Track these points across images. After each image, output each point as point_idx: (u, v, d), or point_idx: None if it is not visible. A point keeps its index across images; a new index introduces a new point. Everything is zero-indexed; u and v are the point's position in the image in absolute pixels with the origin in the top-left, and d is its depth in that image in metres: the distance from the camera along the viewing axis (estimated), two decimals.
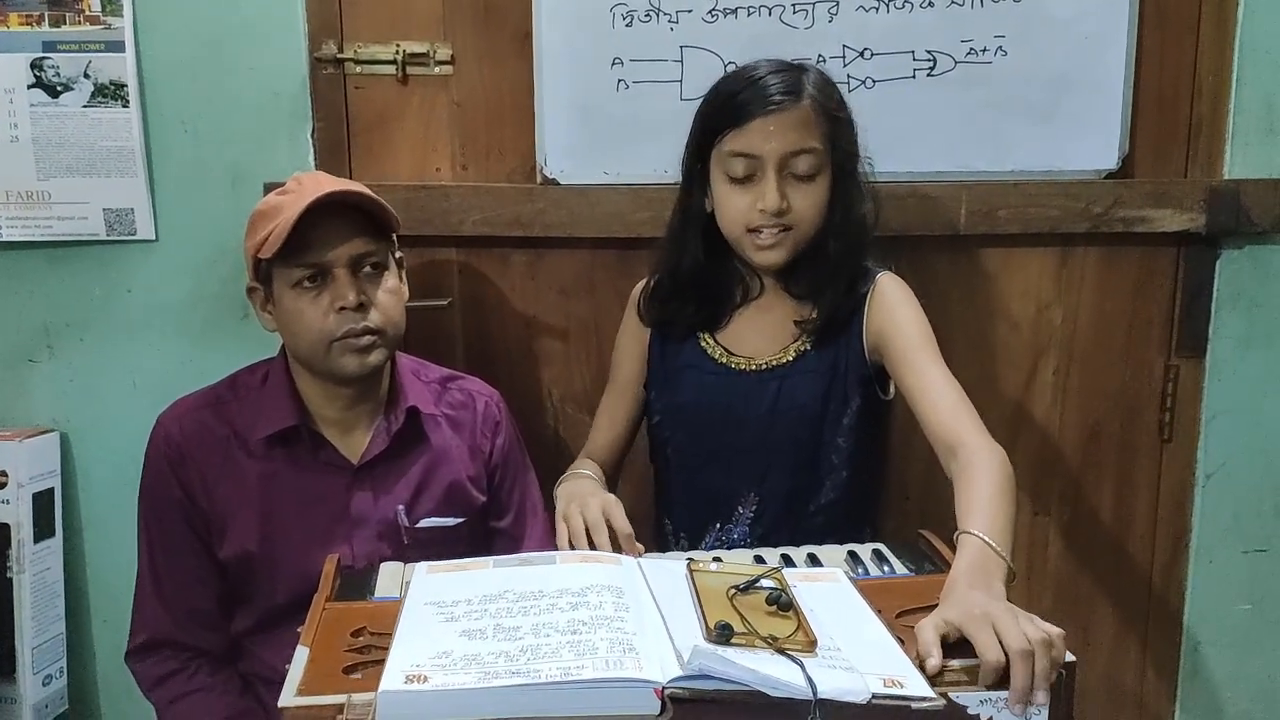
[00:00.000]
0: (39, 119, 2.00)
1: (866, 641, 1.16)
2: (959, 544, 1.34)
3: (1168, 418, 2.12)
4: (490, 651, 1.09)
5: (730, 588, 1.22)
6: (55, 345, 2.10)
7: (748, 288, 1.77)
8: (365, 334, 1.63)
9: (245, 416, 1.72)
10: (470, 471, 1.80)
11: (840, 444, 1.71)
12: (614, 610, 1.16)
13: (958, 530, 1.36)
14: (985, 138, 2.00)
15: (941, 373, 1.60)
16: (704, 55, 1.98)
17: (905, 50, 1.98)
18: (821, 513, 1.73)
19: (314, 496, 1.71)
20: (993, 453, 1.46)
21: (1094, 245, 2.07)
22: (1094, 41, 1.97)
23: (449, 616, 1.17)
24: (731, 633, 1.10)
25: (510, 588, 1.23)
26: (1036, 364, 2.13)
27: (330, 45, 2.01)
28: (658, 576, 1.28)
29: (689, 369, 1.77)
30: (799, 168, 1.63)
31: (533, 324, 2.14)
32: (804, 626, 1.14)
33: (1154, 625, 2.21)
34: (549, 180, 2.03)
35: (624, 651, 1.07)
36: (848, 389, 1.71)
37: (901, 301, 1.70)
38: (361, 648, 1.17)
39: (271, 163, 2.02)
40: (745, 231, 1.66)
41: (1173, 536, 2.17)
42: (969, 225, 2.00)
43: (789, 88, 1.63)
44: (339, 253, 1.62)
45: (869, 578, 1.39)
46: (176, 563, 1.72)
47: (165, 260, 2.07)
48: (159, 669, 1.73)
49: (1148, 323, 2.11)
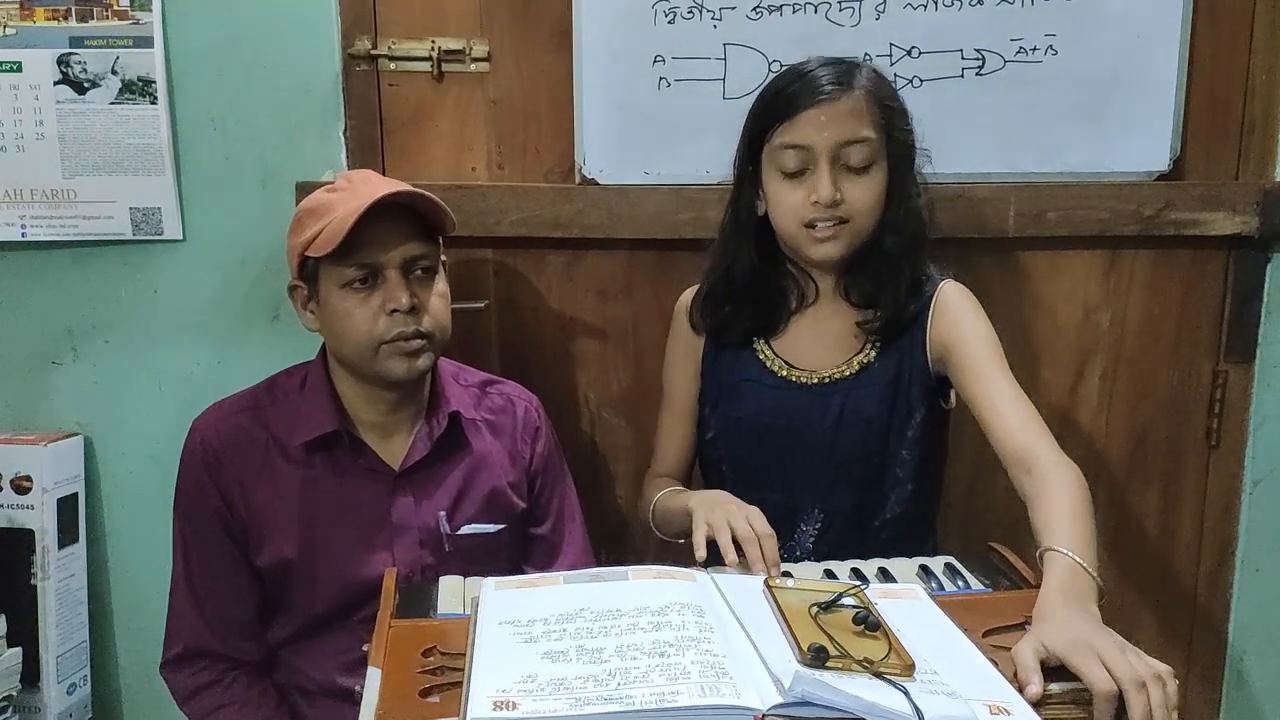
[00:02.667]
0: (65, 116, 1.96)
1: (961, 664, 1.12)
2: (1045, 562, 1.31)
3: (1215, 424, 2.10)
4: (576, 675, 1.05)
5: (812, 605, 1.18)
6: (80, 347, 2.07)
7: (804, 293, 1.73)
8: (416, 337, 1.61)
9: (284, 421, 1.69)
10: (511, 477, 1.77)
11: (905, 456, 1.67)
12: (698, 630, 1.12)
13: (1042, 548, 1.33)
14: (1034, 138, 1.97)
15: (1011, 385, 1.57)
16: (748, 53, 1.95)
17: (954, 49, 1.95)
18: (886, 528, 1.69)
19: (355, 503, 1.68)
20: (1070, 470, 1.44)
21: (1143, 248, 2.04)
22: (1145, 40, 1.94)
23: (527, 637, 1.13)
24: (827, 655, 1.05)
25: (587, 606, 1.19)
26: (1083, 368, 2.10)
27: (364, 41, 1.98)
28: (735, 593, 1.24)
29: (746, 382, 1.74)
30: (852, 158, 1.60)
31: (569, 327, 2.11)
32: (897, 648, 1.10)
33: (1199, 634, 2.18)
34: (588, 180, 2.00)
35: (718, 676, 1.03)
36: (912, 400, 1.67)
37: (968, 310, 1.66)
38: (435, 669, 1.14)
39: (302, 161, 2.00)
40: (800, 227, 1.63)
41: (1219, 544, 2.14)
42: (1017, 227, 1.98)
43: (840, 78, 1.60)
44: (393, 254, 1.59)
45: (944, 593, 1.35)
46: (213, 571, 1.69)
47: (193, 261, 2.04)
48: (195, 680, 1.69)
49: (1196, 327, 2.08)
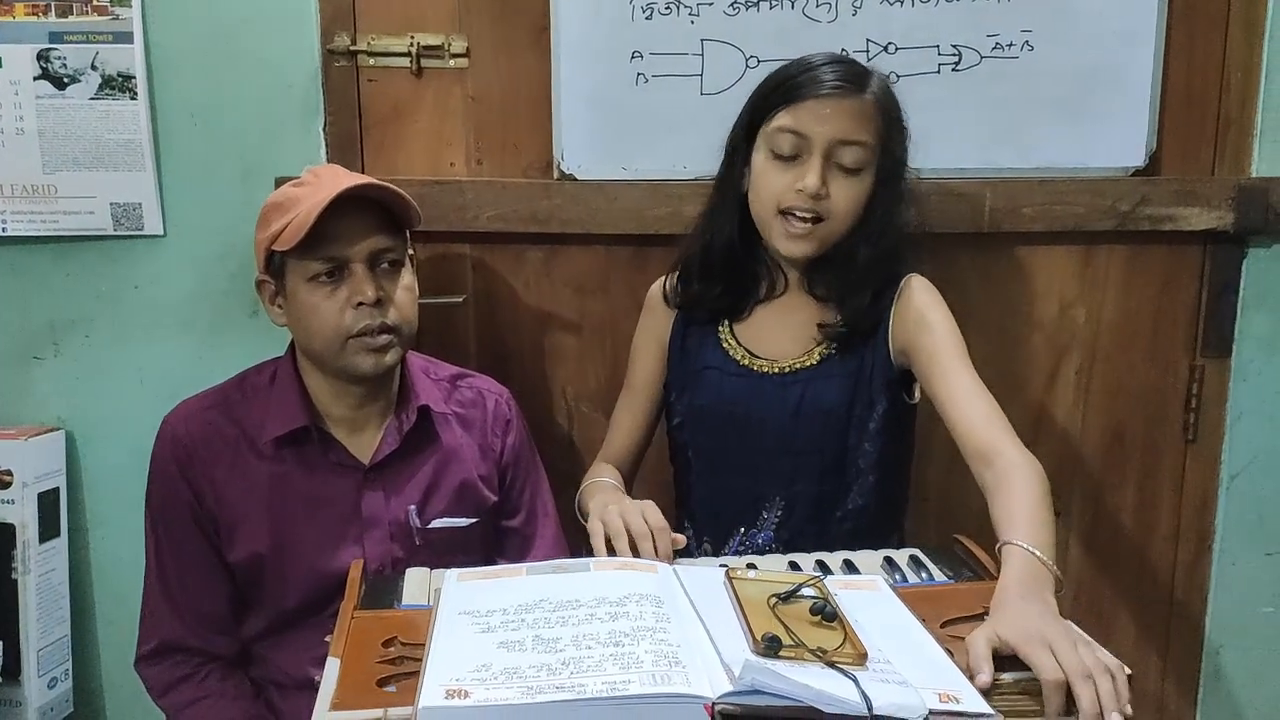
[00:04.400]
0: (45, 111, 1.96)
1: (915, 654, 1.13)
2: (1003, 555, 1.31)
3: (1192, 418, 2.10)
4: (531, 664, 1.05)
5: (771, 596, 1.18)
6: (61, 342, 2.07)
7: (773, 282, 1.73)
8: (382, 331, 1.60)
9: (254, 417, 1.69)
10: (481, 470, 1.77)
11: (867, 449, 1.68)
12: (655, 621, 1.13)
13: (1001, 542, 1.33)
14: (1011, 134, 1.97)
15: (973, 380, 1.57)
16: (725, 49, 1.95)
17: (930, 45, 1.95)
18: (849, 519, 1.69)
19: (324, 498, 1.68)
20: (1030, 464, 1.44)
21: (1119, 243, 2.04)
22: (1122, 37, 1.94)
23: (485, 627, 1.14)
24: (780, 645, 1.06)
25: (546, 596, 1.20)
26: (1059, 364, 2.10)
27: (343, 37, 1.98)
28: (695, 584, 1.25)
29: (710, 370, 1.74)
30: (846, 158, 1.59)
31: (547, 322, 2.11)
32: (852, 638, 1.10)
33: (1175, 628, 2.18)
34: (565, 175, 2.00)
35: (670, 665, 1.03)
36: (873, 393, 1.67)
37: (930, 305, 1.66)
38: (394, 659, 1.14)
39: (282, 156, 1.99)
40: (776, 213, 1.63)
41: (1196, 538, 2.15)
42: (993, 222, 1.98)
43: (853, 79, 1.60)
44: (359, 248, 1.59)
45: (908, 585, 1.36)
46: (186, 566, 1.69)
47: (173, 256, 2.04)
48: (170, 674, 1.70)
49: (1172, 322, 2.08)
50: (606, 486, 1.69)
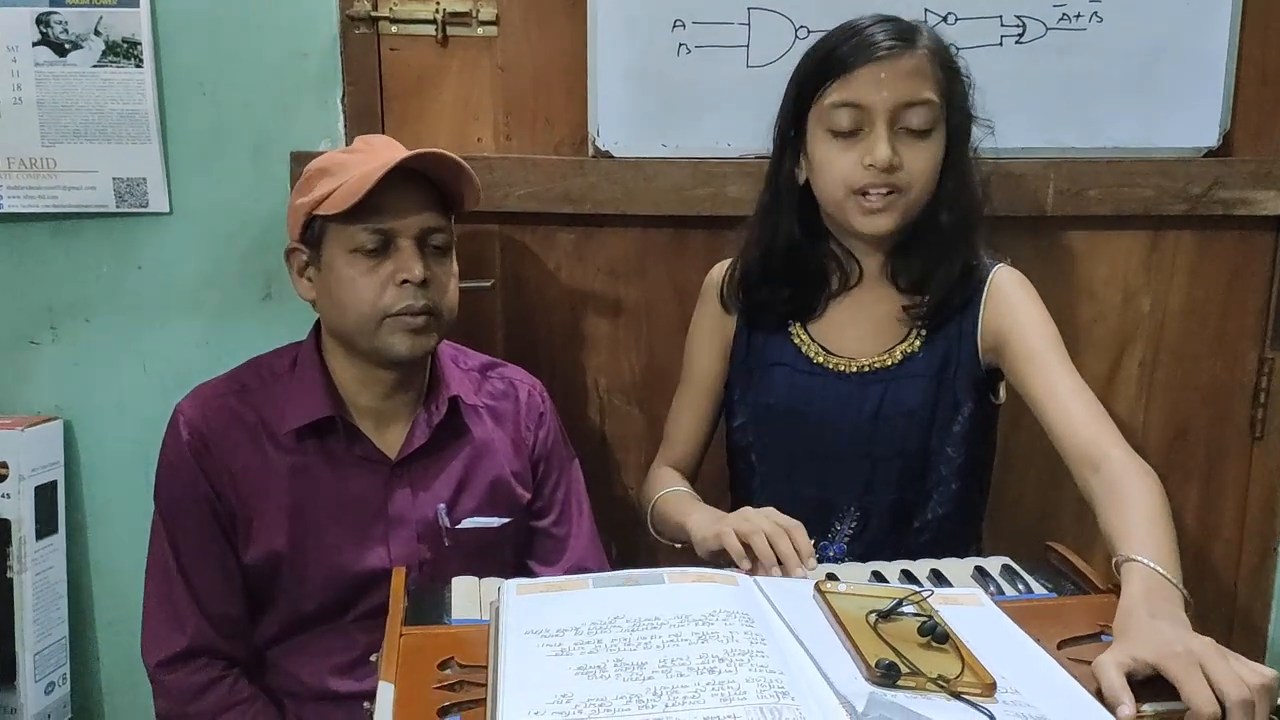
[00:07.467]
0: (44, 79, 1.89)
1: (1043, 682, 1.02)
2: (1123, 572, 1.21)
3: (1260, 414, 2.02)
4: (617, 694, 0.94)
5: (870, 613, 1.07)
6: (59, 326, 2.00)
7: (846, 274, 1.62)
8: (423, 313, 1.52)
9: (273, 405, 1.60)
10: (515, 467, 1.69)
11: (950, 454, 1.58)
12: (749, 643, 1.01)
13: (1119, 557, 1.23)
14: (1076, 111, 1.89)
15: (1074, 378, 1.47)
16: (773, 18, 1.86)
17: (992, 15, 1.86)
18: (927, 529, 1.60)
19: (348, 494, 1.59)
20: (1142, 469, 1.34)
21: (1188, 228, 1.96)
22: (1195, 9, 1.86)
23: (558, 649, 1.03)
24: (899, 674, 0.95)
25: (621, 613, 1.09)
26: (1122, 355, 2.02)
27: (363, 2, 1.89)
28: (782, 598, 1.14)
29: (778, 367, 1.63)
30: (913, 121, 1.48)
31: (579, 307, 2.03)
32: (971, 664, 0.99)
33: (1238, 634, 2.10)
34: (601, 152, 1.92)
35: (778, 696, 0.92)
36: (958, 393, 1.57)
37: (1024, 298, 1.56)
38: (453, 683, 1.04)
39: (297, 130, 1.93)
40: (849, 194, 1.51)
41: (1261, 541, 2.07)
42: (1056, 206, 1.89)
43: (902, 36, 1.49)
44: (409, 222, 1.51)
45: (1005, 599, 1.25)
46: (205, 563, 1.59)
47: (179, 234, 1.97)
48: (199, 677, 1.58)
49: (1242, 312, 2.00)
50: (688, 498, 1.62)
